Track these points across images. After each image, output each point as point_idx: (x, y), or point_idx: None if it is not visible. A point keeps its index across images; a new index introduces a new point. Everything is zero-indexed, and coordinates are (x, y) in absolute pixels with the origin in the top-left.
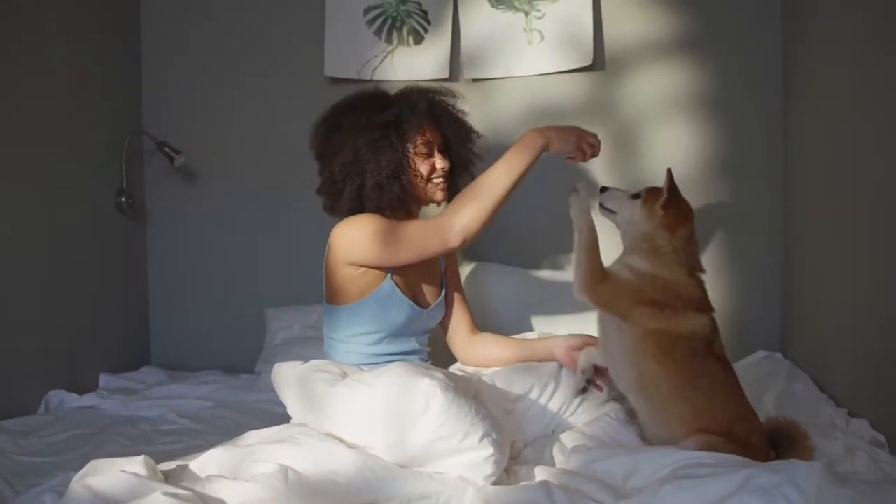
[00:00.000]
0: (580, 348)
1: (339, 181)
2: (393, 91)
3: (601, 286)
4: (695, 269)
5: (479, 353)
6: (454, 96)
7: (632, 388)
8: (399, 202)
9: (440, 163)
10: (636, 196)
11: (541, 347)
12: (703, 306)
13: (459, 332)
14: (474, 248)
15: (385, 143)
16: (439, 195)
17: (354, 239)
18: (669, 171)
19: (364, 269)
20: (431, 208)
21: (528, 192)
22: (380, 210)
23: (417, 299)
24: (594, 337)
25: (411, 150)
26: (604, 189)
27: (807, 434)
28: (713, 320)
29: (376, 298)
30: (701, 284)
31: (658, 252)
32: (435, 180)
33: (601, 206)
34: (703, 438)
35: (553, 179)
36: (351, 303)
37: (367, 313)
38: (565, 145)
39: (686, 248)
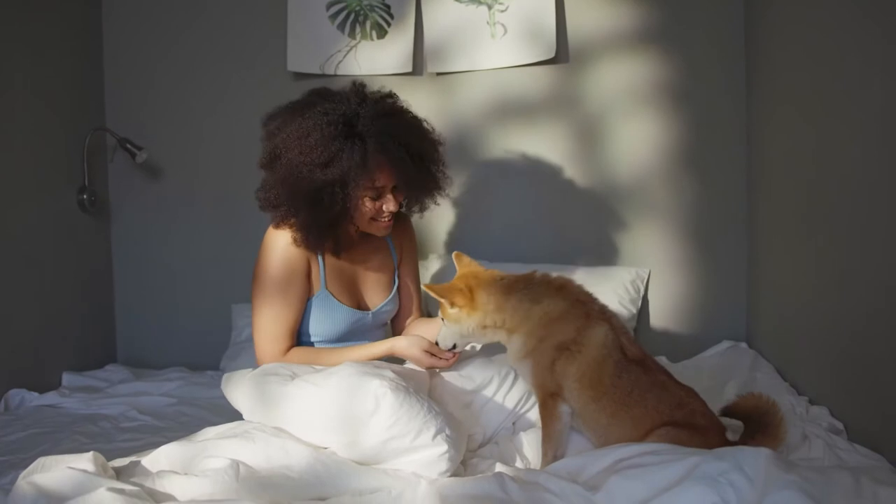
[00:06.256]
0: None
1: (274, 205)
2: (370, 90)
3: (553, 403)
4: (545, 293)
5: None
6: (440, 144)
7: (574, 424)
8: (330, 238)
9: (390, 205)
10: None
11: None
12: (591, 314)
13: (398, 320)
14: (454, 246)
15: (326, 194)
16: (382, 233)
17: (260, 260)
18: (427, 287)
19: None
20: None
21: (511, 192)
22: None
23: (360, 303)
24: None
25: (356, 198)
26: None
27: (781, 422)
28: (610, 320)
29: (311, 305)
30: (569, 298)
31: (499, 325)
32: (380, 220)
33: (450, 350)
34: (653, 436)
35: (534, 181)
36: None
37: (305, 321)
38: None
39: (510, 299)
